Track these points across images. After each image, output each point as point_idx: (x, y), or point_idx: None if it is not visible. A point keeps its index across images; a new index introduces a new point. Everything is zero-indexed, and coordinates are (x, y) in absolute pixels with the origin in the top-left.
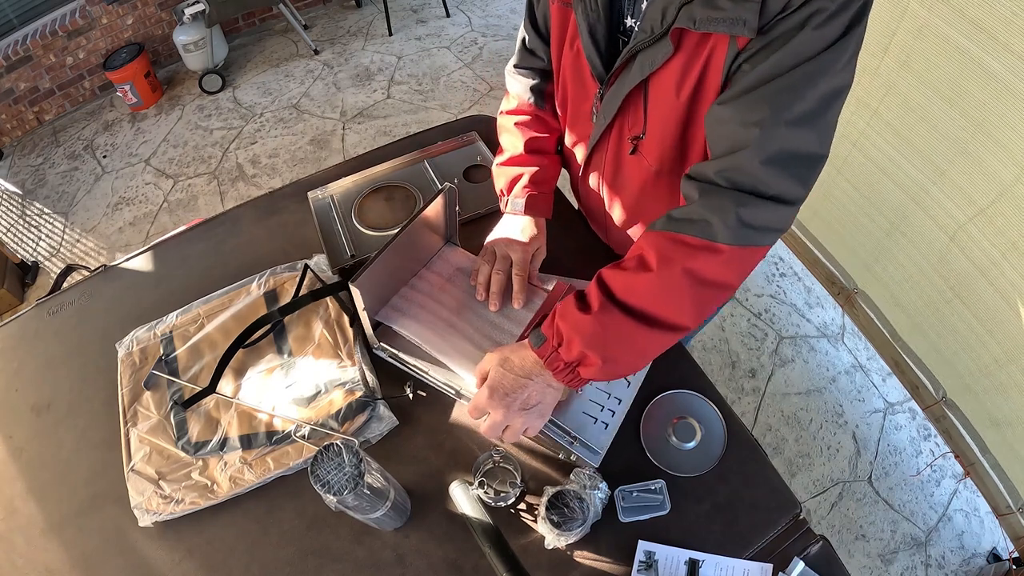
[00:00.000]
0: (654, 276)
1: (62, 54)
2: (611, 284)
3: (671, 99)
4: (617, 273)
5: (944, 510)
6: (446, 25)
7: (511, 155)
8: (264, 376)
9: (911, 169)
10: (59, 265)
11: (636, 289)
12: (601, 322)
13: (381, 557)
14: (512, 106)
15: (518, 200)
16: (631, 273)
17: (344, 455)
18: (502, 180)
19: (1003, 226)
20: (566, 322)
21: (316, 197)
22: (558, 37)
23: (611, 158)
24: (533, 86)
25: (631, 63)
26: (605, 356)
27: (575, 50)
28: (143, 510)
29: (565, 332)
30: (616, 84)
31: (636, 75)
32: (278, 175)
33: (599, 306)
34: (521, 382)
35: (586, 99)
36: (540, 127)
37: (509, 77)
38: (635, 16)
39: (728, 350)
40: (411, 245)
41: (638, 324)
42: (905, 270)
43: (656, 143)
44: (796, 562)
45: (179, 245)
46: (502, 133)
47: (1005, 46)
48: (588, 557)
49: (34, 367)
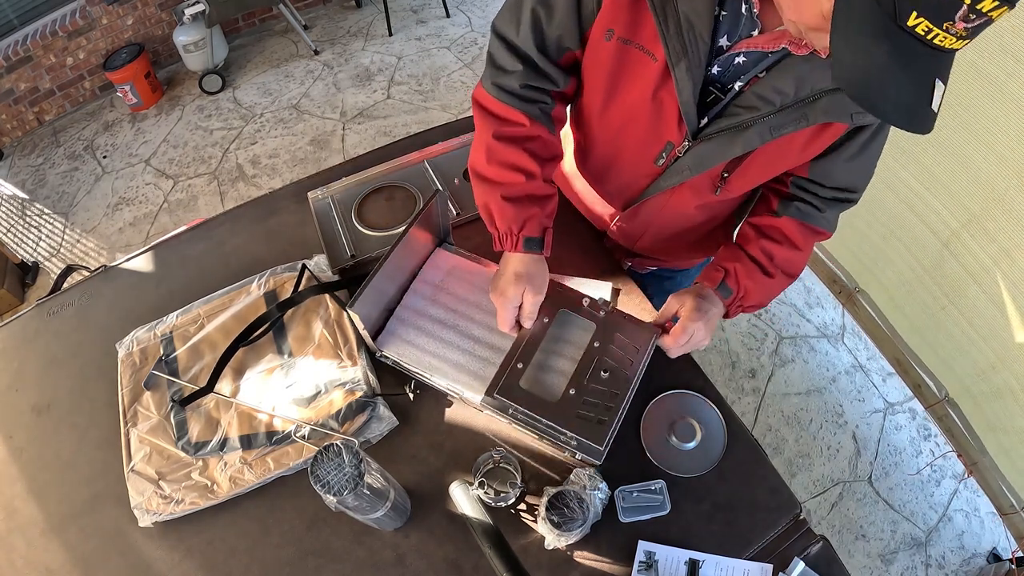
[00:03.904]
0: (803, 254)
1: (62, 54)
2: (776, 256)
3: (792, 156)
4: (776, 247)
5: (944, 510)
6: (446, 25)
7: (520, 186)
8: (264, 376)
9: (906, 175)
10: (59, 265)
11: (794, 261)
12: (771, 285)
13: (381, 557)
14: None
15: (534, 240)
16: (787, 248)
17: (344, 455)
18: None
19: (995, 233)
20: (752, 281)
21: (316, 197)
22: (609, 74)
23: (678, 196)
24: (544, 108)
25: (732, 124)
26: (760, 304)
27: (656, 99)
28: (143, 510)
29: (749, 289)
30: (719, 141)
31: (755, 139)
32: (278, 175)
33: (775, 273)
34: (713, 325)
35: (654, 144)
36: (548, 151)
37: (513, 99)
38: (734, 76)
39: (728, 350)
40: (405, 255)
41: (785, 283)
42: (902, 274)
43: (746, 182)
44: (796, 562)
45: (179, 245)
46: (500, 147)
47: (1001, 48)
48: (588, 557)
49: (34, 367)
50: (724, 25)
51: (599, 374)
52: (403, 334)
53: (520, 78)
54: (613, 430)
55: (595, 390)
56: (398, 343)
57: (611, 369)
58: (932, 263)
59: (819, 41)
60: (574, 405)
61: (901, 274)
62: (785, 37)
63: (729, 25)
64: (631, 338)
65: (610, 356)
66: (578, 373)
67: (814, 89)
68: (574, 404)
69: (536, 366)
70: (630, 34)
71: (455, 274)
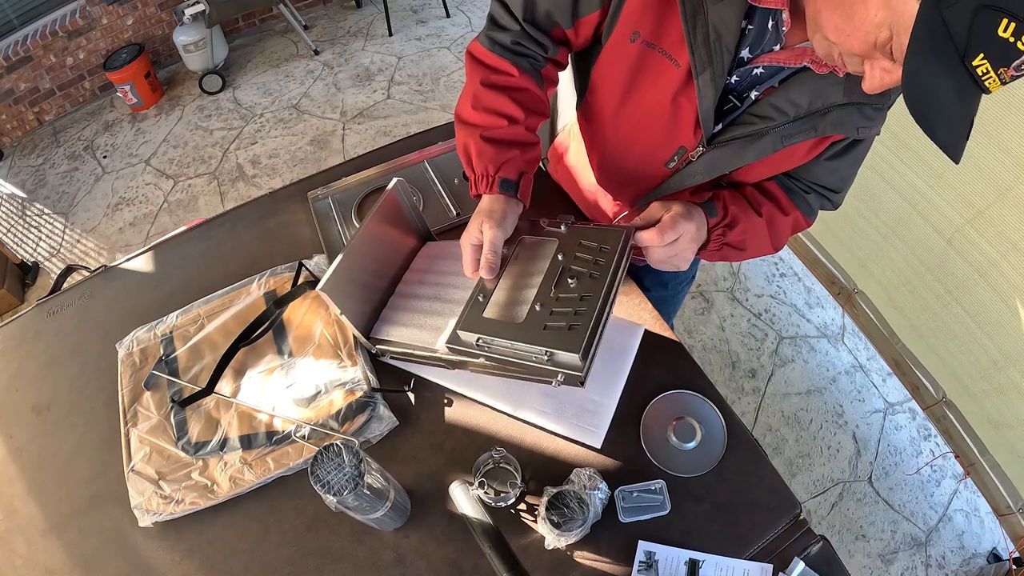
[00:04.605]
0: (786, 220)
1: (62, 54)
2: (763, 206)
3: (796, 160)
4: (764, 199)
5: (944, 510)
6: (446, 25)
7: (502, 129)
8: (264, 376)
9: (908, 173)
10: (59, 265)
11: (778, 221)
12: (757, 227)
13: (381, 557)
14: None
15: (510, 183)
16: (774, 206)
17: (344, 455)
18: (488, 155)
19: (1002, 227)
20: (740, 210)
21: (316, 197)
22: (628, 75)
23: (681, 192)
24: (535, 64)
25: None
26: (741, 245)
27: (675, 104)
28: (143, 510)
29: (736, 217)
30: (732, 148)
31: (767, 147)
32: (278, 175)
33: (763, 216)
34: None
35: (667, 148)
36: (534, 104)
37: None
38: (750, 86)
39: (728, 350)
40: (381, 249)
41: (767, 241)
42: (902, 273)
43: (747, 180)
44: (796, 562)
45: (179, 245)
46: (487, 93)
47: None
48: (588, 557)
49: (34, 367)
50: (749, 38)
51: (566, 284)
52: (391, 317)
53: (513, 36)
54: (591, 336)
55: (564, 299)
56: (387, 327)
57: (579, 275)
58: (936, 261)
59: (854, 65)
60: (542, 319)
61: (901, 273)
62: (807, 55)
63: (753, 38)
64: (600, 241)
65: (578, 264)
66: (543, 290)
67: (826, 102)
68: (541, 318)
69: (501, 298)
70: (655, 38)
71: (441, 256)
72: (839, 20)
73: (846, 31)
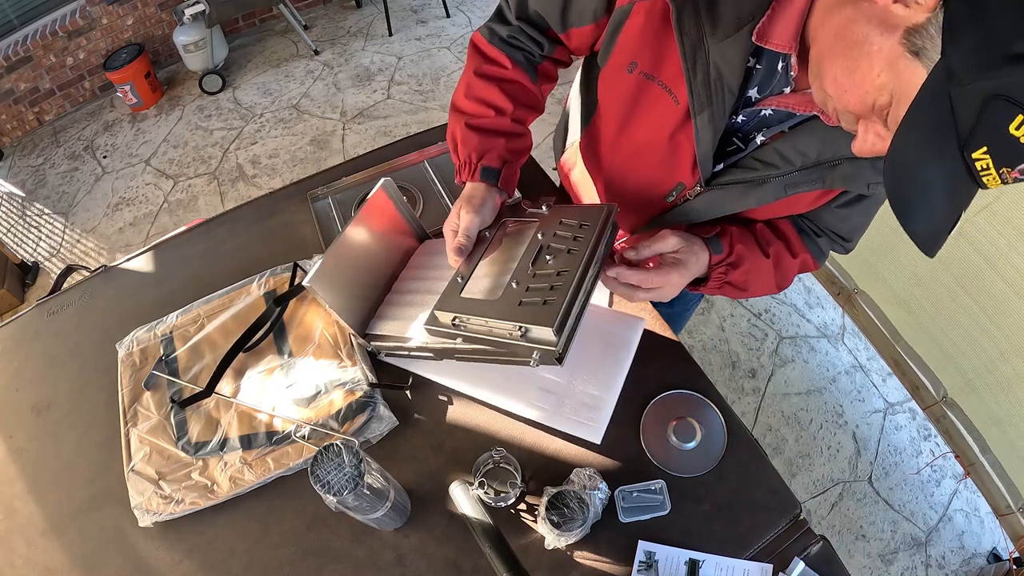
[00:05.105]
0: (794, 262)
1: (62, 54)
2: (772, 245)
3: (801, 207)
4: (772, 238)
5: (944, 510)
6: (446, 25)
7: (489, 119)
8: (264, 376)
9: None
10: (59, 265)
11: (785, 263)
12: (761, 267)
13: (381, 557)
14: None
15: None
16: (782, 245)
17: (344, 455)
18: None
19: (1011, 216)
20: (747, 248)
21: (316, 197)
22: (626, 105)
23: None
24: (529, 58)
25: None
26: (742, 285)
27: (673, 141)
28: (143, 510)
29: (742, 256)
30: (733, 192)
31: (769, 195)
32: (278, 175)
33: (769, 256)
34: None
35: (666, 182)
36: (525, 97)
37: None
38: (758, 127)
39: (728, 350)
40: (374, 248)
41: (771, 281)
42: (910, 267)
43: (757, 216)
44: (796, 562)
45: (179, 245)
46: (479, 83)
47: None
48: (588, 557)
49: (34, 367)
50: (756, 78)
51: (544, 261)
52: (385, 313)
53: (509, 30)
54: (567, 309)
55: (541, 275)
56: (380, 322)
57: (557, 252)
58: (945, 251)
59: (848, 122)
60: (517, 296)
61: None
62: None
63: (762, 78)
64: (580, 219)
65: (556, 242)
66: (520, 267)
67: (836, 153)
68: (517, 295)
69: (481, 279)
70: (653, 70)
71: (435, 252)
72: (839, 72)
73: (844, 86)
